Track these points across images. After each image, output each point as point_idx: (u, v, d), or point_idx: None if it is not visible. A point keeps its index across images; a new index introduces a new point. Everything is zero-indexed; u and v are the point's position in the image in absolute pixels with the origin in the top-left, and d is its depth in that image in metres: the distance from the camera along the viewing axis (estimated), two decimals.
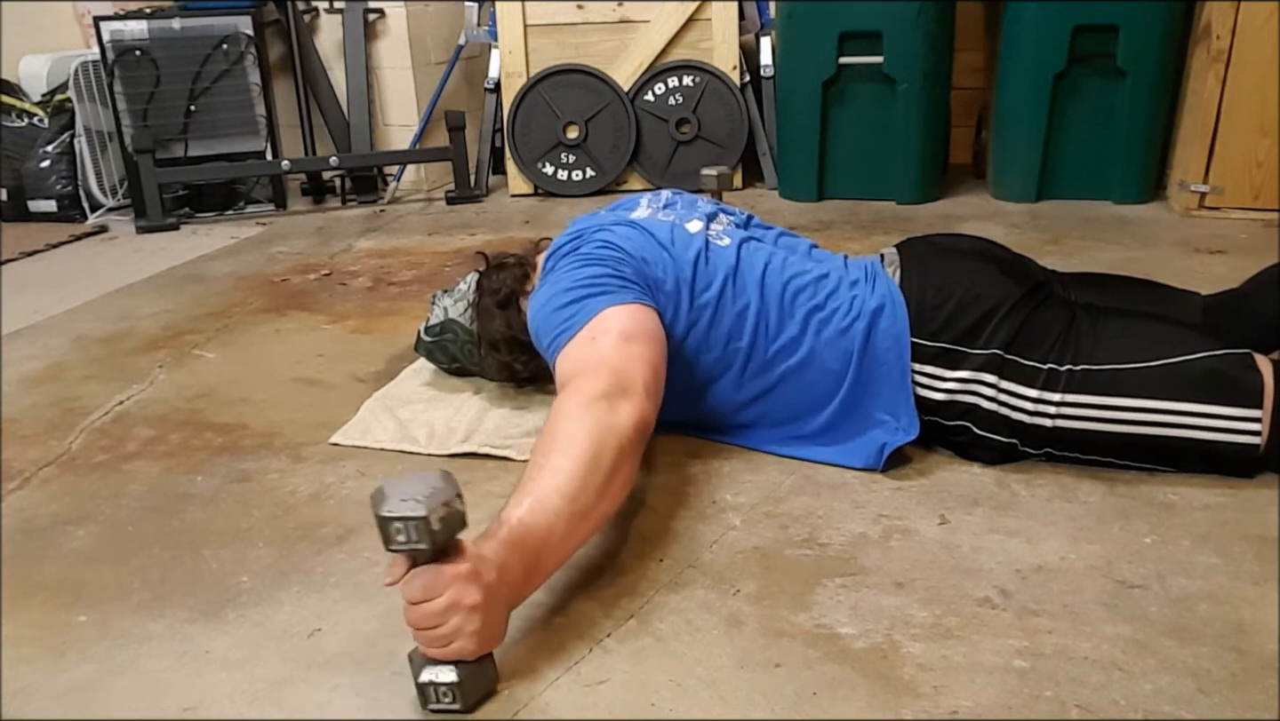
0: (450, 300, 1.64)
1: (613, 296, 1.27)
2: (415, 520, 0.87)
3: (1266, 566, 1.12)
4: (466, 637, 0.92)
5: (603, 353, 1.20)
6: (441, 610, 0.90)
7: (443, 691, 0.93)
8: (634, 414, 1.12)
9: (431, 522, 0.87)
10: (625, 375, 1.16)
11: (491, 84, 3.36)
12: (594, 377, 1.15)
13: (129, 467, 1.49)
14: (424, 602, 0.90)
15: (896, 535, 1.21)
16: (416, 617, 0.91)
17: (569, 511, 1.02)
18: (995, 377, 1.31)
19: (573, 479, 1.03)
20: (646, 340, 1.24)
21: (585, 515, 1.04)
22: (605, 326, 1.23)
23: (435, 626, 0.91)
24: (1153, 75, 2.72)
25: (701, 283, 1.37)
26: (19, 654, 1.07)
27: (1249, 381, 1.24)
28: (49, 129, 3.22)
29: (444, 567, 0.91)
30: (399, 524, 0.87)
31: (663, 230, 1.41)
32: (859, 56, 2.87)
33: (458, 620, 0.91)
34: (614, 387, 1.14)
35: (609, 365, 1.18)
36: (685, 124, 3.24)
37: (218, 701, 0.98)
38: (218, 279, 2.52)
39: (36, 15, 3.44)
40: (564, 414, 1.11)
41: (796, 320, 1.37)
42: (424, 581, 0.90)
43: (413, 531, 0.88)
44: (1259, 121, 2.55)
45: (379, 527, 0.89)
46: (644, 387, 1.16)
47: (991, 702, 0.92)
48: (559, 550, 1.04)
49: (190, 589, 1.17)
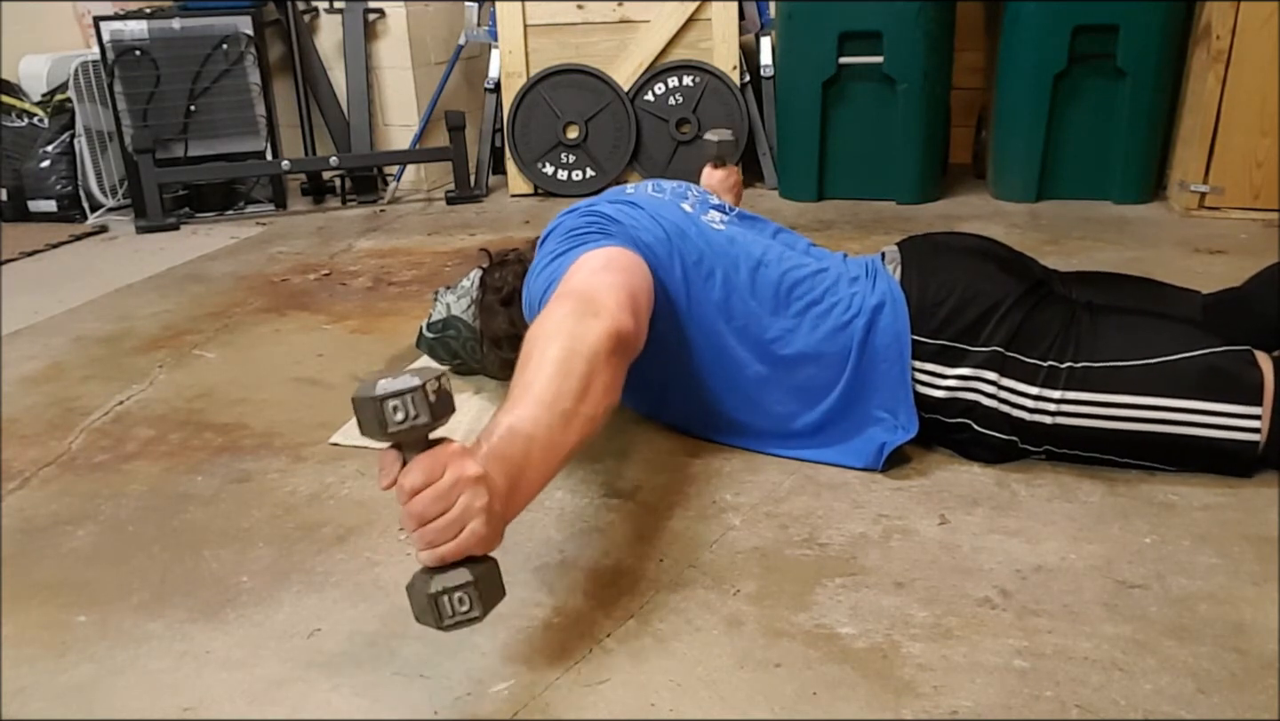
0: (453, 297, 1.64)
1: (590, 244, 1.27)
2: (411, 391, 0.82)
3: (1266, 566, 1.12)
4: (477, 515, 0.86)
5: (570, 285, 1.18)
6: (447, 488, 0.85)
7: (459, 598, 0.85)
8: (604, 324, 1.08)
9: (427, 393, 0.82)
10: (593, 298, 1.13)
11: (491, 84, 3.36)
12: (557, 303, 1.13)
13: (129, 467, 1.49)
14: (425, 488, 0.85)
15: (896, 535, 1.21)
16: (422, 506, 0.85)
17: (548, 418, 0.98)
18: (995, 375, 1.31)
19: (547, 385, 1.01)
20: (620, 270, 1.21)
21: (566, 419, 1.00)
22: (579, 266, 1.22)
23: (443, 511, 0.85)
24: (1153, 75, 2.72)
25: (692, 255, 1.36)
26: (19, 654, 1.07)
27: (1249, 378, 1.24)
28: (49, 129, 3.22)
29: (439, 448, 0.87)
30: (394, 400, 0.82)
31: (652, 204, 1.41)
32: (859, 56, 2.87)
33: (466, 496, 0.86)
34: (581, 308, 1.10)
35: (573, 292, 1.16)
36: (685, 124, 3.24)
37: (218, 701, 0.98)
38: (218, 279, 2.52)
39: (36, 15, 3.44)
40: (532, 337, 1.08)
41: (791, 312, 1.36)
42: (423, 465, 0.85)
43: (409, 404, 0.82)
44: (1259, 121, 2.55)
45: (370, 416, 0.83)
46: (615, 304, 1.12)
47: (991, 702, 0.92)
48: (545, 458, 0.99)
49: (190, 589, 1.17)
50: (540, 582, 1.14)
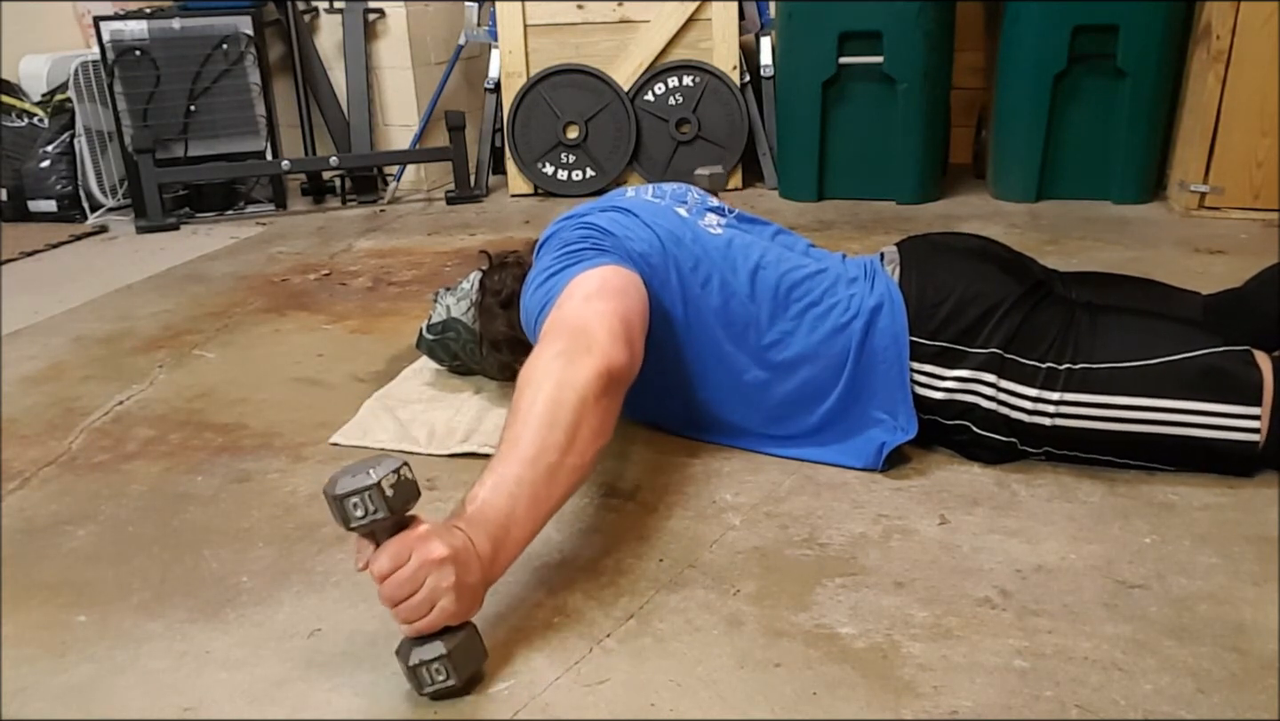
0: (453, 298, 1.64)
1: (584, 264, 1.27)
2: (368, 489, 0.89)
3: (1266, 566, 1.12)
4: (445, 594, 0.92)
5: (562, 315, 1.19)
6: (412, 572, 0.91)
7: (435, 668, 0.93)
8: (594, 364, 1.09)
9: (384, 489, 0.89)
10: (584, 330, 1.14)
11: (491, 84, 3.36)
12: (549, 340, 1.14)
13: (129, 467, 1.49)
14: (393, 572, 0.91)
15: (896, 535, 1.21)
16: (392, 590, 0.91)
17: (532, 476, 1.01)
18: (994, 376, 1.31)
19: (531, 442, 1.02)
20: (612, 295, 1.21)
21: (552, 473, 1.02)
22: (570, 291, 1.22)
23: (412, 592, 0.91)
24: (1153, 75, 2.72)
25: (688, 262, 1.36)
26: (19, 654, 1.07)
27: (1249, 378, 1.24)
28: (49, 129, 3.22)
29: (406, 533, 0.92)
30: (354, 498, 0.89)
31: (648, 210, 1.41)
32: (859, 56, 2.87)
33: (432, 579, 0.91)
34: (573, 345, 1.11)
35: (566, 325, 1.16)
36: (685, 124, 3.24)
37: (218, 701, 0.98)
38: (218, 279, 2.52)
39: (36, 15, 3.44)
40: (523, 382, 1.09)
41: (791, 315, 1.36)
42: (390, 550, 0.91)
43: (368, 501, 0.89)
44: (1259, 121, 2.55)
45: (336, 512, 0.90)
46: (607, 336, 1.13)
47: (991, 702, 0.92)
48: (531, 515, 1.02)
49: (190, 589, 1.17)
50: (540, 582, 1.14)
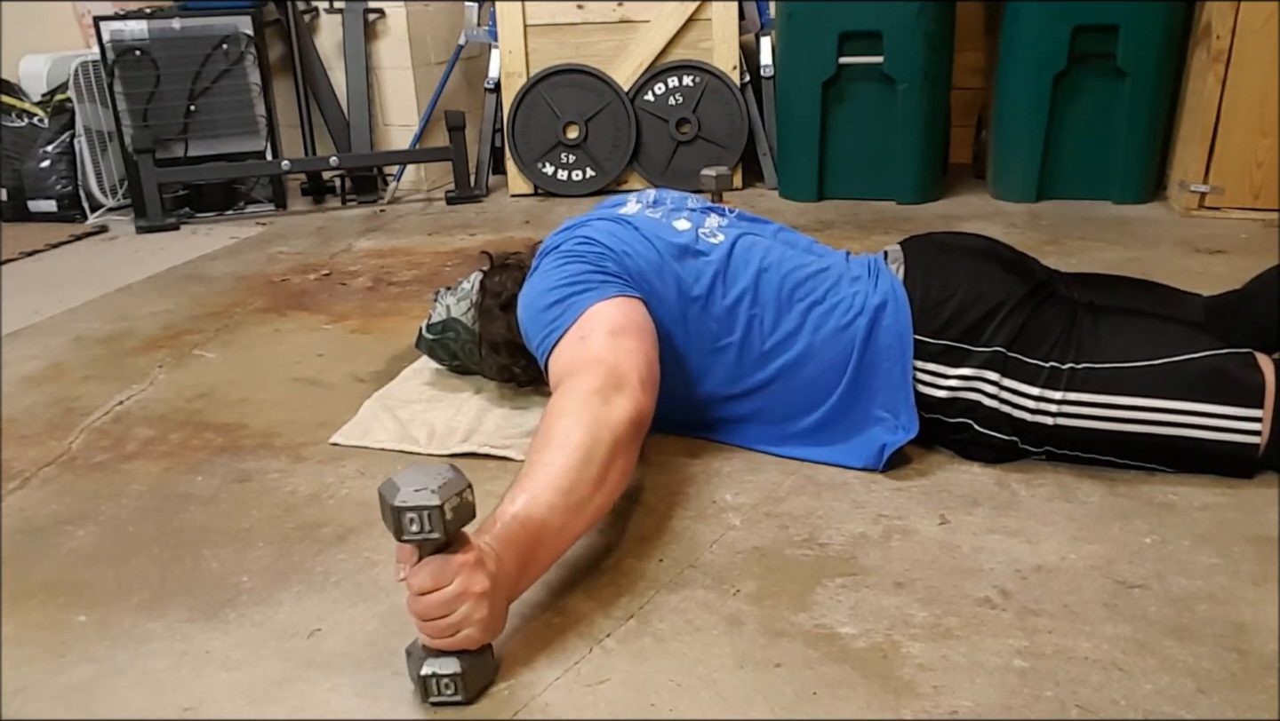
0: (453, 299, 1.64)
1: (597, 292, 1.28)
2: (429, 509, 0.88)
3: (1266, 566, 1.12)
4: (474, 625, 0.93)
5: (594, 350, 1.21)
6: (451, 598, 0.91)
7: (445, 683, 0.94)
8: (628, 407, 1.13)
9: (445, 512, 0.88)
10: (618, 370, 1.17)
11: (491, 84, 3.36)
12: (587, 375, 1.16)
13: (129, 467, 1.49)
14: (432, 592, 0.91)
15: (896, 535, 1.21)
16: (424, 607, 0.92)
17: (563, 505, 1.03)
18: (997, 375, 1.31)
19: (567, 473, 1.04)
20: (636, 333, 1.24)
21: (580, 508, 1.05)
22: (593, 324, 1.24)
23: (443, 616, 0.92)
24: (1153, 75, 2.72)
25: (689, 276, 1.37)
26: (19, 654, 1.07)
27: (1250, 380, 1.24)
28: (49, 129, 3.22)
29: (452, 556, 0.92)
30: (412, 514, 0.88)
31: (648, 225, 1.42)
32: (859, 56, 2.87)
33: (466, 608, 0.92)
34: (608, 383, 1.14)
35: (601, 362, 1.18)
36: (685, 124, 3.24)
37: (218, 701, 0.98)
38: (218, 279, 2.52)
39: (36, 15, 3.44)
40: (559, 411, 1.11)
41: (794, 314, 1.37)
42: (433, 570, 0.91)
43: (426, 521, 0.88)
44: (1259, 121, 2.55)
45: (391, 518, 0.89)
46: (638, 380, 1.17)
47: (991, 702, 0.92)
48: (554, 543, 1.04)
49: (190, 589, 1.17)
50: (540, 582, 1.13)
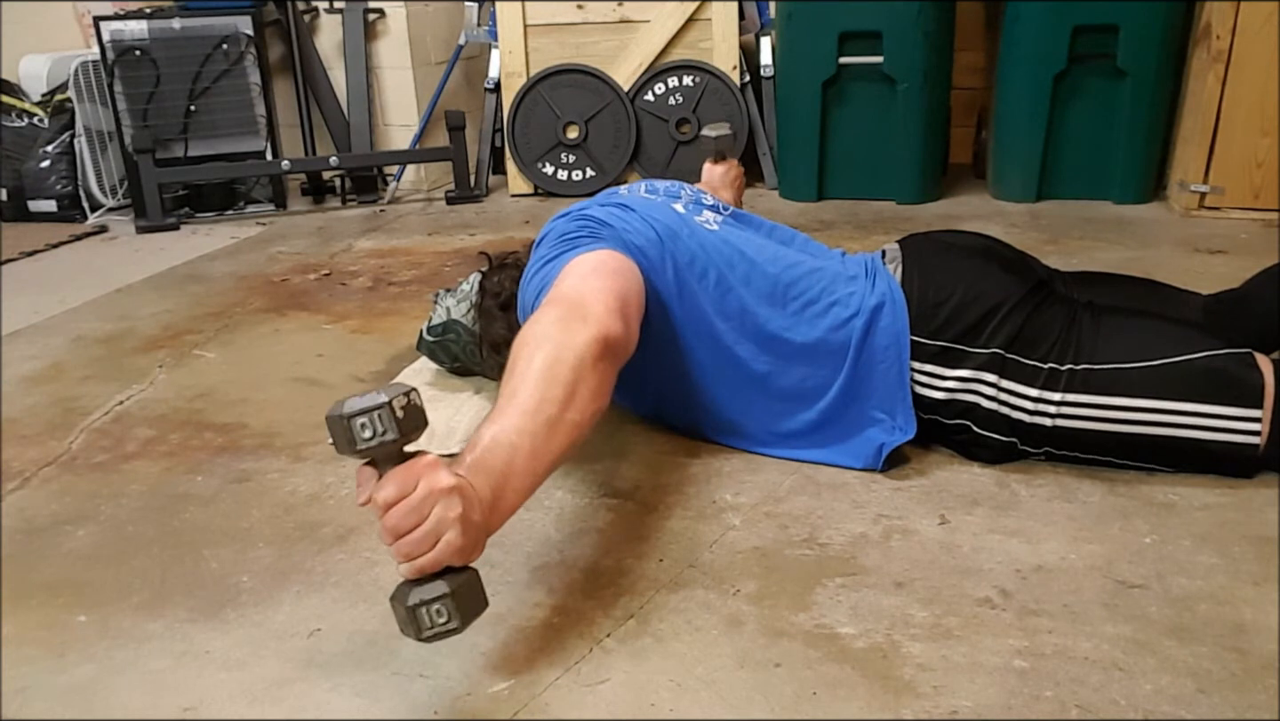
0: (453, 300, 1.64)
1: (580, 248, 1.28)
2: (378, 408, 0.84)
3: (1266, 566, 1.12)
4: (452, 526, 0.87)
5: (559, 290, 1.19)
6: (419, 500, 0.86)
7: (435, 610, 0.87)
8: (591, 330, 1.09)
9: (394, 409, 0.84)
10: (581, 302, 1.14)
11: (491, 84, 3.36)
12: (545, 309, 1.14)
13: (129, 467, 1.49)
14: (399, 501, 0.86)
15: (896, 535, 1.21)
16: (396, 519, 0.87)
17: (531, 426, 0.99)
18: (996, 377, 1.31)
19: (530, 394, 1.01)
20: (609, 274, 1.22)
21: (551, 426, 1.01)
22: (568, 271, 1.23)
23: (417, 524, 0.87)
24: (1153, 75, 2.72)
25: (684, 257, 1.37)
26: (19, 654, 1.07)
27: (1250, 381, 1.24)
28: (49, 129, 3.22)
29: (413, 462, 0.88)
30: (362, 418, 0.83)
31: (645, 206, 1.42)
32: (859, 56, 2.87)
33: (439, 508, 0.87)
34: (569, 313, 1.11)
35: (564, 298, 1.16)
36: (685, 124, 3.24)
37: (218, 701, 0.98)
38: (218, 279, 2.52)
39: (36, 15, 3.44)
40: (520, 342, 1.08)
41: (788, 312, 1.36)
42: (396, 479, 0.87)
43: (377, 421, 0.84)
44: (1259, 121, 2.55)
45: (341, 435, 0.84)
46: (604, 309, 1.13)
47: (991, 702, 0.92)
48: (530, 464, 0.99)
49: (190, 589, 1.17)
50: (540, 582, 1.14)
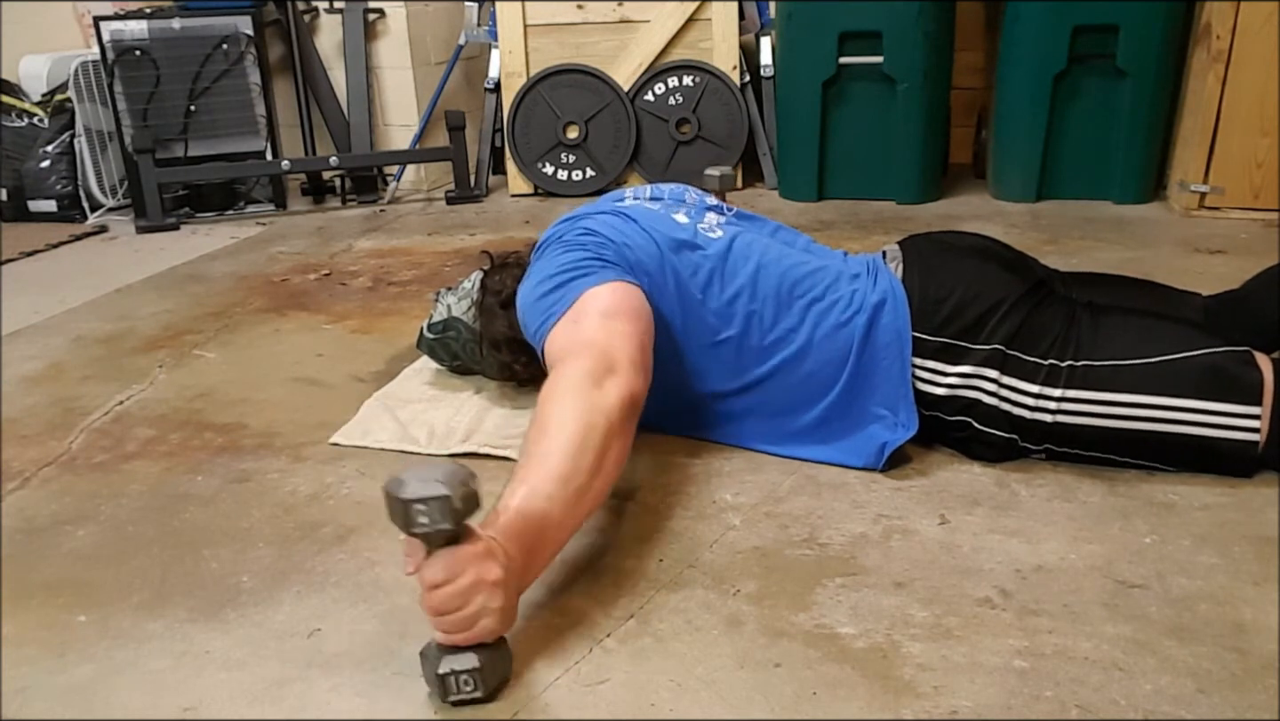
0: (454, 298, 1.64)
1: (594, 277, 1.28)
2: (438, 500, 0.87)
3: (1266, 566, 1.12)
4: (491, 615, 0.92)
5: (586, 333, 1.21)
6: (465, 588, 0.90)
7: (464, 679, 0.93)
8: (621, 389, 1.12)
9: (454, 501, 0.88)
10: (609, 352, 1.16)
11: (491, 84, 3.36)
12: (578, 359, 1.15)
13: (129, 467, 1.49)
14: (445, 585, 0.90)
15: (896, 535, 1.21)
16: (440, 601, 0.91)
17: (563, 495, 1.02)
18: (996, 373, 1.31)
19: (564, 462, 1.04)
20: (629, 316, 1.24)
21: (580, 496, 1.05)
22: (587, 307, 1.24)
23: (459, 608, 0.91)
24: (1153, 75, 2.72)
25: (687, 270, 1.37)
26: (19, 654, 1.07)
27: (1249, 378, 1.24)
28: (49, 129, 3.22)
29: (462, 547, 0.91)
30: (421, 505, 0.88)
31: (647, 217, 1.42)
32: (859, 56, 2.87)
33: (482, 598, 0.91)
34: (599, 366, 1.14)
35: (593, 344, 1.18)
36: (685, 124, 3.24)
37: (218, 701, 0.98)
38: (218, 279, 2.52)
39: (36, 15, 3.44)
40: (551, 397, 1.11)
41: (794, 311, 1.37)
42: (445, 562, 0.91)
43: (435, 512, 0.88)
44: (1259, 121, 2.55)
45: (399, 512, 0.89)
46: (630, 362, 1.16)
47: (991, 702, 0.92)
48: (557, 534, 1.04)
49: (190, 589, 1.17)
50: (540, 582, 1.13)
